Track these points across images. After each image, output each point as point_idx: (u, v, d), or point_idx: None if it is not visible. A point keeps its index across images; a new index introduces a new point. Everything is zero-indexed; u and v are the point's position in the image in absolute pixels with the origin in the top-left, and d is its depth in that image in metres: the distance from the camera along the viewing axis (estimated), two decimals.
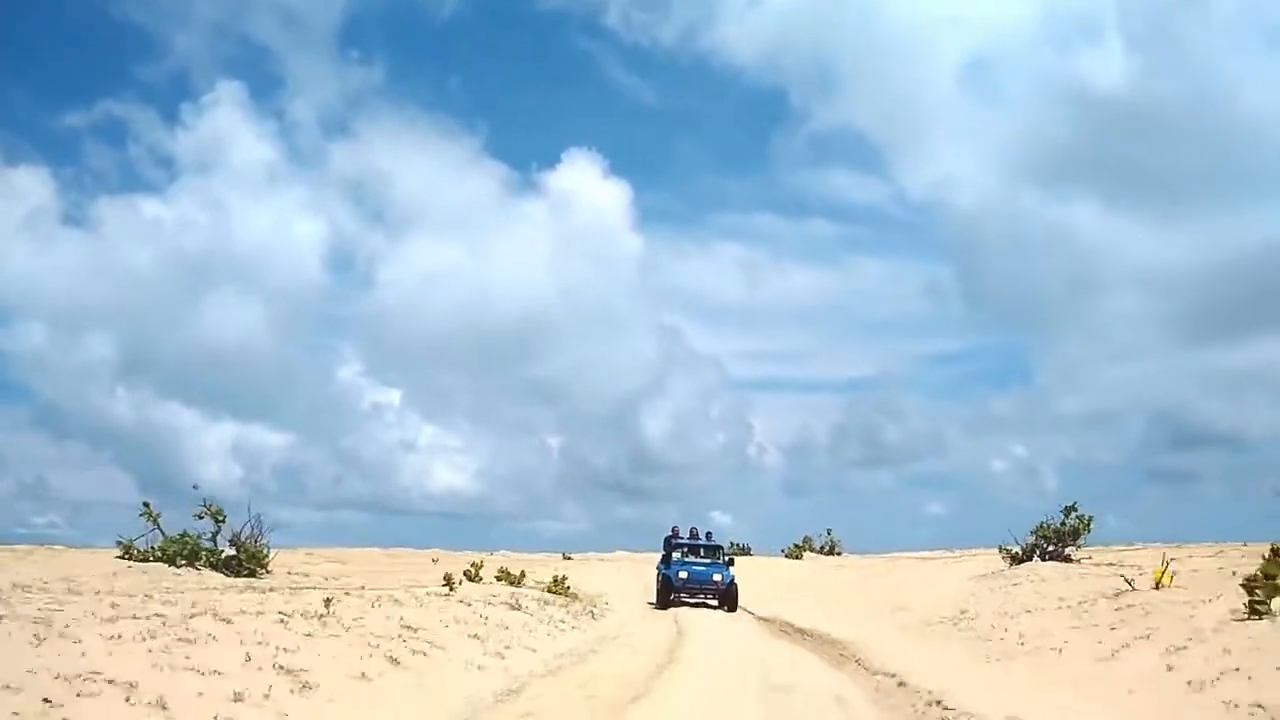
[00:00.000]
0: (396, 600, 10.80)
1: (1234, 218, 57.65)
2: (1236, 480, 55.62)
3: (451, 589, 14.05)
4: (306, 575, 18.24)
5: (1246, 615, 8.59)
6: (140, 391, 61.37)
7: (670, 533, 23.15)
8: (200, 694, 5.78)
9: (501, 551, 35.11)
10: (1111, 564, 16.14)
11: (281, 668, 6.69)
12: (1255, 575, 9.26)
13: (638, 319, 70.24)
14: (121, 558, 17.93)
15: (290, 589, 12.00)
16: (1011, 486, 59.55)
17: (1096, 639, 8.89)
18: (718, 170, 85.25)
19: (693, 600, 21.26)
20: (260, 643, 7.08)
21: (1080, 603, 11.76)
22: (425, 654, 8.42)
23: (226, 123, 64.17)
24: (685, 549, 22.25)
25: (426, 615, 10.28)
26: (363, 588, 12.84)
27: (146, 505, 17.83)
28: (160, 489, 63.47)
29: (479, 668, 8.67)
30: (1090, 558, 18.92)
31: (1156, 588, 12.59)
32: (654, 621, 16.89)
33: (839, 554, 35.36)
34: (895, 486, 66.56)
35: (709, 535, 23.44)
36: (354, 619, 8.97)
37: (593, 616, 15.54)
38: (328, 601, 9.33)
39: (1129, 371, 62.17)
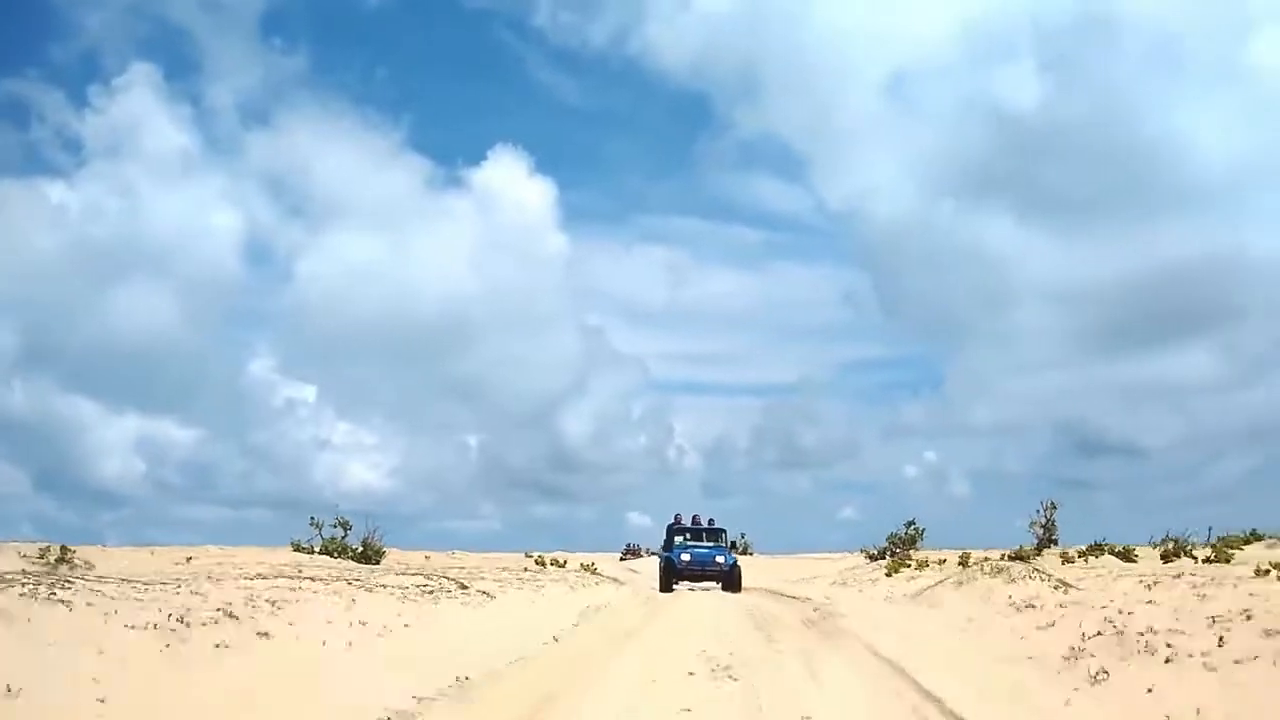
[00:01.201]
0: (540, 572, 25.48)
1: (1135, 237, 60.90)
2: (1135, 488, 57.18)
3: (544, 568, 28.84)
4: (406, 565, 26.78)
5: (887, 574, 24.10)
6: (40, 383, 59.47)
7: (673, 520, 23.83)
8: (567, 591, 20.41)
9: (455, 550, 37.18)
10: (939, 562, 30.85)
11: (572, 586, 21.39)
12: (893, 561, 24.93)
13: (561, 318, 70.75)
14: (296, 552, 30.92)
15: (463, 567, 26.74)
16: (922, 492, 60.83)
17: (831, 581, 24.16)
18: (644, 172, 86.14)
19: (694, 585, 21.71)
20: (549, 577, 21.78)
21: (855, 577, 27.13)
22: (596, 585, 23.09)
23: (139, 106, 60.80)
24: (688, 533, 22.80)
25: (577, 575, 24.93)
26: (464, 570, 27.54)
27: (314, 518, 24.71)
28: (57, 484, 59.38)
29: (617, 588, 23.46)
30: (927, 560, 33.35)
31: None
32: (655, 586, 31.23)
33: (751, 554, 39.03)
34: (811, 490, 68.13)
35: (711, 521, 23.69)
36: (557, 573, 23.63)
37: (620, 583, 30.28)
38: (539, 562, 24.14)
39: (1037, 382, 64.04)
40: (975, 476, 60.11)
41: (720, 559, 21.71)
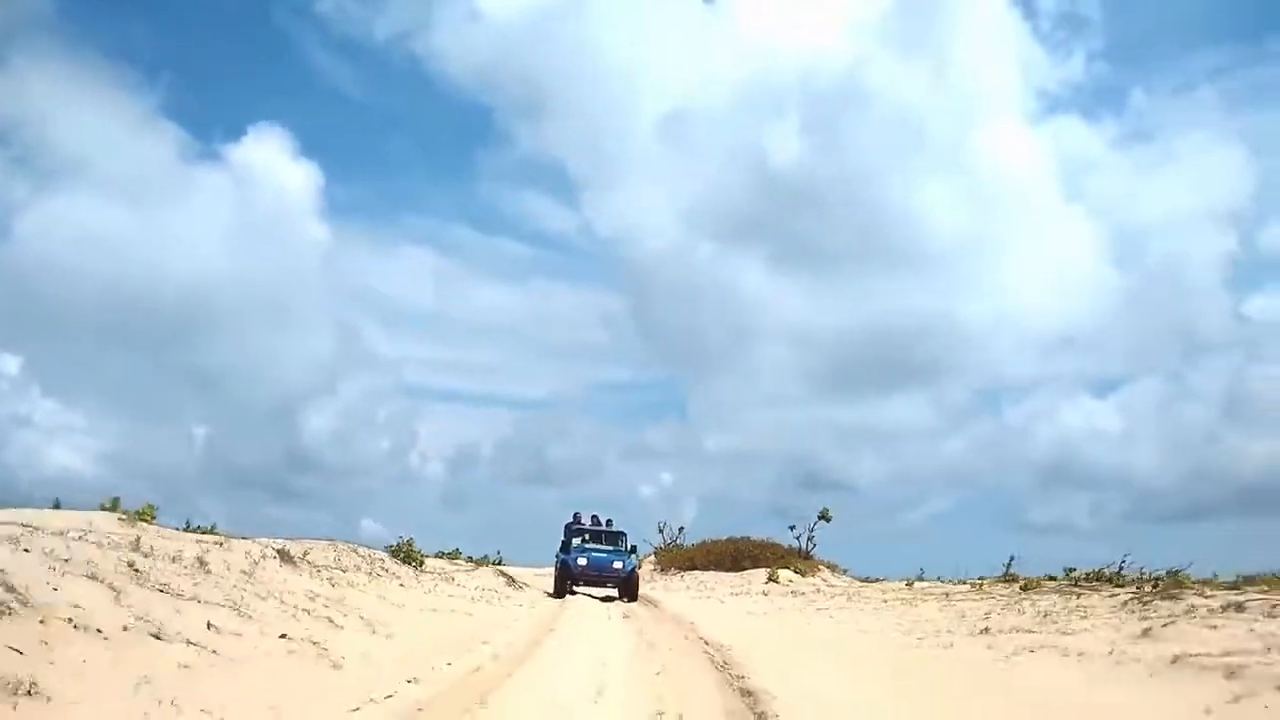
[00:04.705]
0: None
1: (869, 293, 65.44)
2: (847, 520, 61.43)
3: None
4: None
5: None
6: None
7: (571, 519, 22.73)
8: None
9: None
10: None
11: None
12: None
13: (313, 312, 67.26)
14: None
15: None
16: (656, 512, 60.85)
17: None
18: (418, 174, 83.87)
19: (590, 590, 20.45)
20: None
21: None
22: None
23: None
24: (586, 535, 21.71)
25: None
26: None
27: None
28: None
29: None
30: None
31: None
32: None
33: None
34: (553, 505, 71.71)
35: (609, 522, 22.66)
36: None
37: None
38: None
39: (770, 416, 66.15)
40: (705, 501, 60.99)
41: (619, 564, 21.08)
